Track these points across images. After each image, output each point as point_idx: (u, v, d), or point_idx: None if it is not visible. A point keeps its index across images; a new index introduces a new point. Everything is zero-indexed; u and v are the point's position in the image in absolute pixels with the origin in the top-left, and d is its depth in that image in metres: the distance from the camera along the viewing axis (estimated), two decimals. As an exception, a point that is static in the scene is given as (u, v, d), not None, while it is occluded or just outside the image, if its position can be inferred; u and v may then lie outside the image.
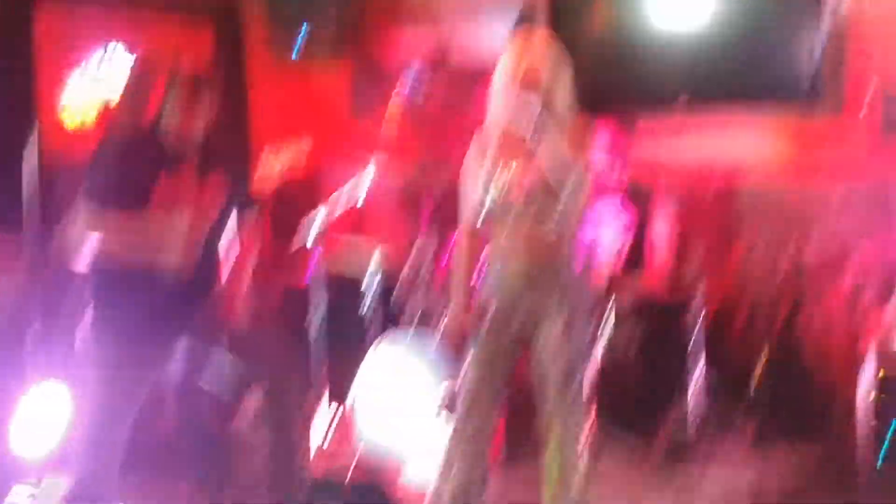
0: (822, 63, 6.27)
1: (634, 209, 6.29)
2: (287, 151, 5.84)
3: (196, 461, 5.28)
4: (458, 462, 4.54)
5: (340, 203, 5.92)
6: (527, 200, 4.40)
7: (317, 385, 5.97)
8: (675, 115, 6.71)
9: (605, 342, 5.74)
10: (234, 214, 4.95)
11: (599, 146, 6.13)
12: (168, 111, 4.64)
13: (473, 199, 4.51)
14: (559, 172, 4.33)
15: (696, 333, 5.77)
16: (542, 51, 4.48)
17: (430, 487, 4.62)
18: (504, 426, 5.42)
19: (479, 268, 4.68)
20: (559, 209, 4.40)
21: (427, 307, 6.07)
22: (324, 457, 5.83)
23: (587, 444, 4.49)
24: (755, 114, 6.64)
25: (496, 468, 5.21)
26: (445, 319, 4.73)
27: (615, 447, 5.82)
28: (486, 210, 4.46)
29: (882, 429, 5.21)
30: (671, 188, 6.55)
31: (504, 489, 5.26)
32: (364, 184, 6.04)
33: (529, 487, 4.74)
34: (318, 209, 5.97)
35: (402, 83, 7.54)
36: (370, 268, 6.29)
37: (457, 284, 4.65)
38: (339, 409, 6.04)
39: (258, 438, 5.09)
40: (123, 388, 4.61)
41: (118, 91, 4.87)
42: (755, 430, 6.07)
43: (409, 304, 6.06)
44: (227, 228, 4.95)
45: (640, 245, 6.29)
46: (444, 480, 4.55)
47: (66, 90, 6.85)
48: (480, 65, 4.53)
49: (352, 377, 5.87)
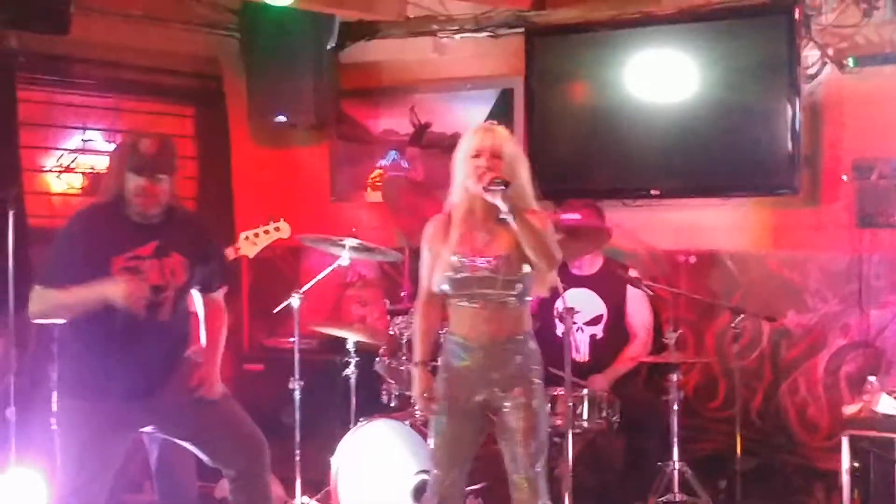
0: (799, 154, 6.31)
1: (610, 287, 6.30)
2: (269, 226, 5.90)
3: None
4: None
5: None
6: (491, 269, 4.44)
7: (293, 466, 5.95)
8: (651, 202, 6.75)
9: (586, 418, 5.70)
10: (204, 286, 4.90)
11: (573, 227, 6.18)
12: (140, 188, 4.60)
13: (435, 268, 4.55)
14: (526, 242, 4.37)
15: (677, 404, 5.76)
16: (504, 133, 4.58)
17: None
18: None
19: (438, 336, 4.72)
20: (523, 279, 4.47)
21: (406, 386, 6.04)
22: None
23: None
24: (731, 203, 6.67)
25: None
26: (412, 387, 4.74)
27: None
28: (449, 278, 4.49)
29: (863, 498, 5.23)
30: (648, 268, 6.60)
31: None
32: (342, 263, 6.07)
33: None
34: (297, 291, 5.99)
35: (382, 162, 7.62)
36: (349, 348, 6.27)
37: (416, 353, 4.67)
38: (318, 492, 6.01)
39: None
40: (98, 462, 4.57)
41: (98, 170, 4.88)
42: (739, 500, 6.05)
43: (388, 384, 6.02)
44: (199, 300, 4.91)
45: (619, 322, 6.30)
46: None
47: (48, 173, 6.92)
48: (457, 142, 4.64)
49: (329, 457, 5.82)
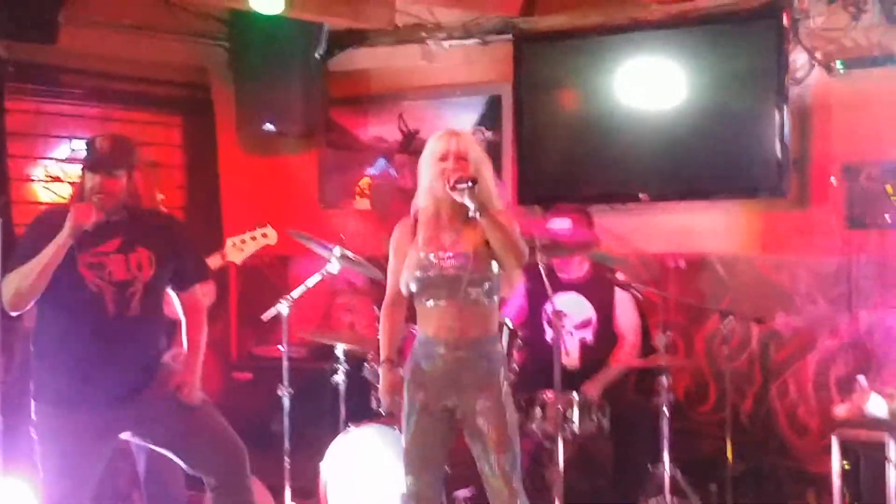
0: (787, 157, 6.32)
1: (599, 291, 6.29)
2: (256, 232, 5.88)
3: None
4: None
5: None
6: (458, 267, 4.47)
7: (283, 474, 5.93)
8: (640, 206, 6.76)
9: (576, 422, 5.69)
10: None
11: (561, 233, 6.19)
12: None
13: (402, 269, 4.58)
14: (493, 238, 4.41)
15: (667, 408, 5.74)
16: (469, 137, 4.69)
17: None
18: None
19: (406, 337, 4.76)
20: (491, 278, 4.50)
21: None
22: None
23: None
24: (720, 207, 6.70)
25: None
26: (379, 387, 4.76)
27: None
28: (417, 277, 4.52)
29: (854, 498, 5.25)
30: (637, 272, 6.60)
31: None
32: (330, 272, 6.05)
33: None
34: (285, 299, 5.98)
35: (371, 170, 7.62)
36: (338, 355, 6.25)
37: (382, 352, 4.71)
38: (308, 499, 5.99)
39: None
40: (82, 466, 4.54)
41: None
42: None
43: (377, 391, 6.00)
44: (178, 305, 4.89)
45: (609, 326, 6.29)
46: None
47: (36, 183, 6.91)
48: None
49: (317, 464, 5.80)
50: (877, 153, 6.28)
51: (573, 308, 6.19)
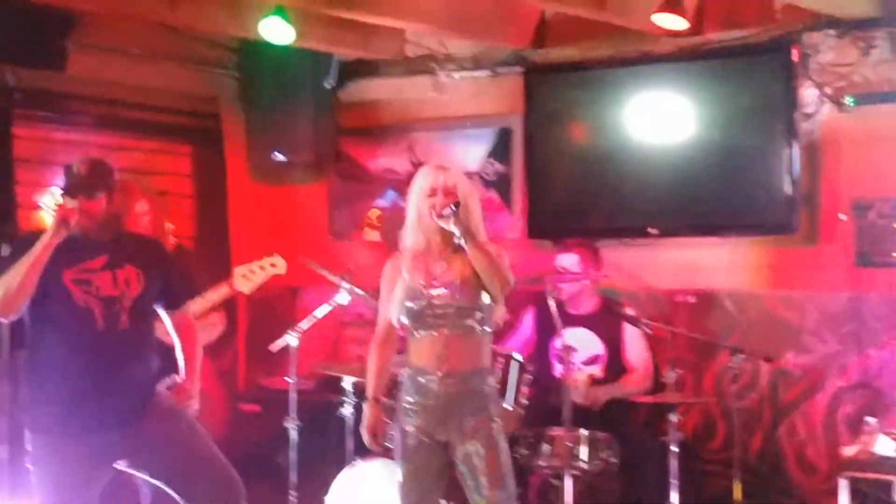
0: (796, 193, 6.32)
1: (608, 326, 6.28)
2: (264, 261, 5.85)
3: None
4: None
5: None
6: (448, 297, 4.47)
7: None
8: (649, 241, 6.75)
9: (584, 458, 5.66)
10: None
11: (571, 267, 6.18)
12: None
13: (392, 299, 4.57)
14: (477, 263, 4.41)
15: (676, 444, 5.71)
16: (457, 172, 4.68)
17: None
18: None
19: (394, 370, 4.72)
20: (482, 308, 4.49)
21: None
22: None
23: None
24: (729, 242, 6.69)
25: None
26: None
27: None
28: (408, 308, 4.51)
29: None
30: (646, 308, 6.58)
31: None
32: (342, 303, 6.03)
33: None
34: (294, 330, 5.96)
35: (381, 201, 7.62)
36: (346, 388, 6.23)
37: (368, 389, 4.69)
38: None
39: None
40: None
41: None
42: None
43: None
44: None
45: (618, 362, 6.26)
46: None
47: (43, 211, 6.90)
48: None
49: (323, 497, 5.77)
50: (886, 190, 6.27)
51: (582, 343, 6.17)
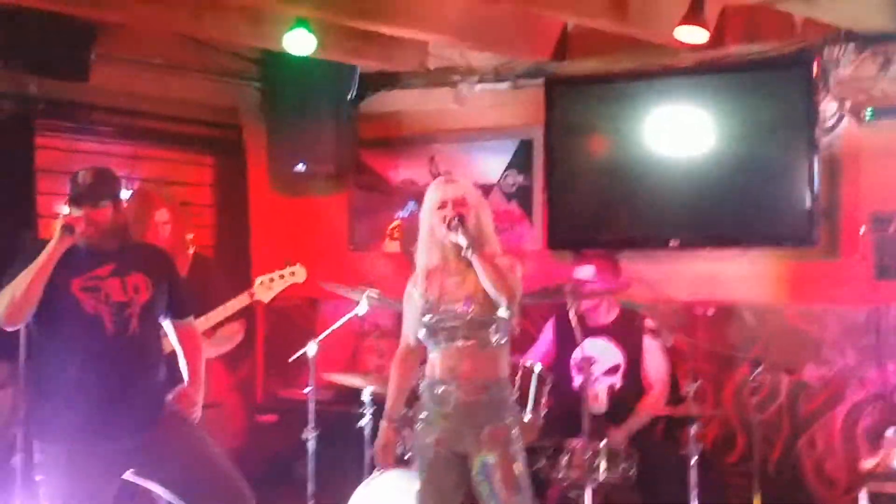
0: (817, 206, 6.31)
1: (628, 336, 6.27)
2: (285, 270, 5.86)
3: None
4: None
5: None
6: (463, 310, 4.51)
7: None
8: (669, 253, 6.75)
9: (603, 470, 5.65)
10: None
11: (590, 278, 6.18)
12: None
13: (412, 318, 4.63)
14: (483, 275, 4.44)
15: (695, 457, 5.69)
16: (466, 183, 4.78)
17: None
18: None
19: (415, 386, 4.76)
20: (497, 321, 4.51)
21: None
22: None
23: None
24: (749, 255, 6.68)
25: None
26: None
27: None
28: (424, 322, 4.55)
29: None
30: (666, 320, 6.56)
31: None
32: (359, 314, 6.04)
33: None
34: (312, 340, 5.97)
35: (401, 213, 7.62)
36: (364, 399, 6.23)
37: (386, 407, 4.73)
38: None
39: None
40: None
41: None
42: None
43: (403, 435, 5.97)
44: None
45: (637, 372, 6.25)
46: None
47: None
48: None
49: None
50: (906, 203, 6.26)
51: (602, 354, 6.16)
